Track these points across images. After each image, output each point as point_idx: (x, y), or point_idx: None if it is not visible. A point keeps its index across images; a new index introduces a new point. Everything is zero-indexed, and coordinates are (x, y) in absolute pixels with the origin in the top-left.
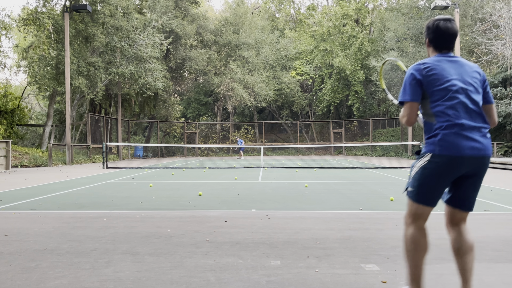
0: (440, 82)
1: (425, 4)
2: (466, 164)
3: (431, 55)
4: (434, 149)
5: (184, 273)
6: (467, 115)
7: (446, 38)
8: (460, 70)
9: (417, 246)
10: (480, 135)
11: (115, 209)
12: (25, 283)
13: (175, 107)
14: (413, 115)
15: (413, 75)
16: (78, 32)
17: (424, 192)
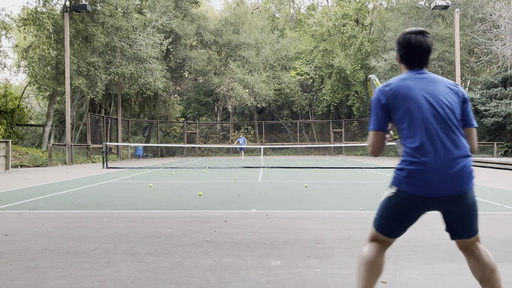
0: (404, 106)
1: (425, 4)
2: (437, 204)
3: (402, 72)
4: (399, 183)
5: (184, 273)
6: (437, 145)
7: (418, 54)
8: (431, 89)
9: (368, 267)
10: (455, 168)
11: (115, 209)
12: (25, 283)
13: (175, 107)
14: (378, 146)
15: (377, 99)
16: (78, 32)
17: (386, 223)
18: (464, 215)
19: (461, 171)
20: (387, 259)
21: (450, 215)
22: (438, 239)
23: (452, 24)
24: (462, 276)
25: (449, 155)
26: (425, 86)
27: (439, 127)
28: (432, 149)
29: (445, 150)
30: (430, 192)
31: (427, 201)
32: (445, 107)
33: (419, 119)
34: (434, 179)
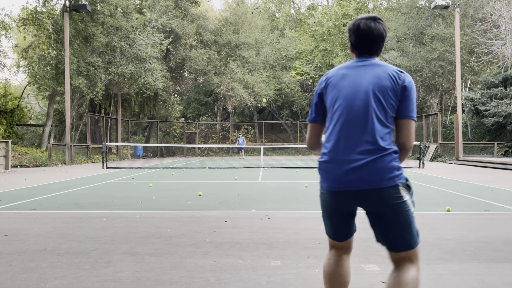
0: (331, 96)
1: (425, 4)
2: (351, 200)
3: None
4: (320, 179)
5: (184, 273)
6: (341, 137)
7: (368, 40)
8: (362, 76)
9: (327, 278)
10: (361, 162)
11: (115, 209)
12: (25, 283)
13: (175, 107)
14: (311, 138)
15: (316, 89)
16: (78, 32)
17: (325, 224)
18: (382, 218)
19: (370, 165)
20: (387, 259)
21: (369, 215)
22: (438, 239)
23: (452, 24)
24: (463, 277)
25: (356, 147)
26: (358, 74)
27: (354, 117)
28: (336, 140)
29: (350, 142)
30: (335, 186)
31: (339, 196)
32: (370, 95)
33: (338, 109)
34: (337, 172)
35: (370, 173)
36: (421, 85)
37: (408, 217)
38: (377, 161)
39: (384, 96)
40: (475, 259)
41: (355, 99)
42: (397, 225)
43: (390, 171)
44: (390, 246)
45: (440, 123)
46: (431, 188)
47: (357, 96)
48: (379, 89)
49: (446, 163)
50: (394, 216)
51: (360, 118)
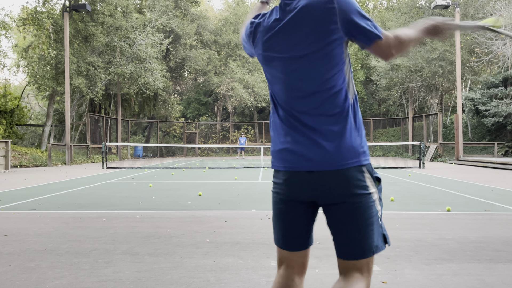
0: (260, 44)
1: (425, 3)
2: (297, 185)
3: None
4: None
5: (184, 274)
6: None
7: None
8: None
9: None
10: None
11: (114, 209)
12: (25, 284)
13: (175, 107)
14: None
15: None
16: (78, 31)
17: (274, 225)
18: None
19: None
20: (388, 259)
21: (324, 207)
22: (438, 240)
23: None
24: (463, 277)
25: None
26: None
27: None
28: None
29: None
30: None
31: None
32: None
33: (269, 64)
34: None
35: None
36: (421, 85)
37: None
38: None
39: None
40: (475, 259)
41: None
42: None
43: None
44: (344, 254)
45: (440, 123)
46: (431, 188)
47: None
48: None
49: (446, 163)
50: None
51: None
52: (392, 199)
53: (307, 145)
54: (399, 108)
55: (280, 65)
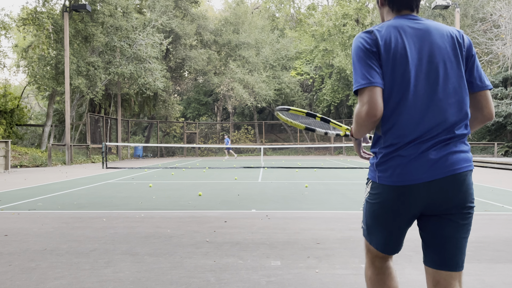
0: (394, 63)
1: (425, 3)
2: (420, 196)
3: (386, 19)
4: (374, 176)
5: (184, 274)
6: (425, 120)
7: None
8: (429, 43)
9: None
10: (446, 150)
11: (114, 209)
12: (25, 284)
13: (175, 107)
14: (377, 104)
15: (360, 45)
16: (78, 32)
17: (374, 234)
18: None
19: (459, 149)
20: None
21: (434, 217)
22: None
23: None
24: (463, 277)
25: (438, 133)
26: (422, 39)
27: (433, 98)
28: (416, 127)
29: (434, 128)
30: (414, 179)
31: (410, 193)
32: (440, 64)
33: (404, 86)
34: (420, 163)
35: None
36: None
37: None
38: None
39: (459, 62)
40: (475, 259)
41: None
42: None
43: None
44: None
45: None
46: None
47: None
48: (451, 55)
49: None
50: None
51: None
52: None
53: None
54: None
55: None
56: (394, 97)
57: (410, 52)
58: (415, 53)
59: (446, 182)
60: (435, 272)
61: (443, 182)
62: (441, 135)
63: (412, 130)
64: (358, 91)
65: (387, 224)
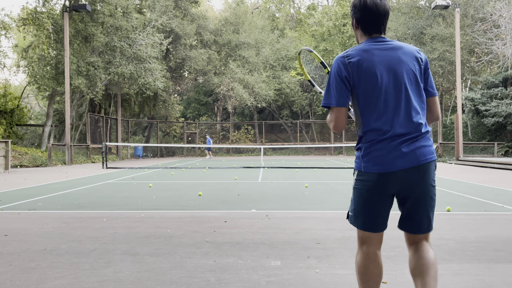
0: (368, 80)
1: (425, 3)
2: (395, 181)
3: (359, 41)
4: (360, 165)
5: (184, 274)
6: (396, 121)
7: (376, 17)
8: (394, 60)
9: (364, 275)
10: (415, 144)
11: (114, 209)
12: (25, 284)
13: (175, 107)
14: (342, 122)
15: (338, 71)
16: (78, 32)
17: (361, 216)
18: (421, 200)
19: (423, 145)
20: (388, 259)
21: (409, 198)
22: (438, 240)
23: (452, 24)
24: (463, 277)
25: (408, 131)
26: (387, 54)
27: (401, 101)
28: (392, 124)
29: (404, 125)
30: (390, 167)
31: (387, 179)
32: (406, 79)
33: (378, 95)
34: (394, 155)
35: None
36: None
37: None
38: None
39: (419, 78)
40: (475, 259)
41: (398, 82)
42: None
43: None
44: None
45: (440, 123)
46: None
47: (400, 79)
48: (414, 71)
49: (446, 163)
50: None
51: (408, 102)
52: None
53: None
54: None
55: None
56: (370, 107)
57: (378, 69)
58: (383, 69)
59: (416, 169)
60: (411, 235)
61: (414, 170)
62: (410, 134)
63: (386, 130)
64: (328, 106)
65: (372, 204)
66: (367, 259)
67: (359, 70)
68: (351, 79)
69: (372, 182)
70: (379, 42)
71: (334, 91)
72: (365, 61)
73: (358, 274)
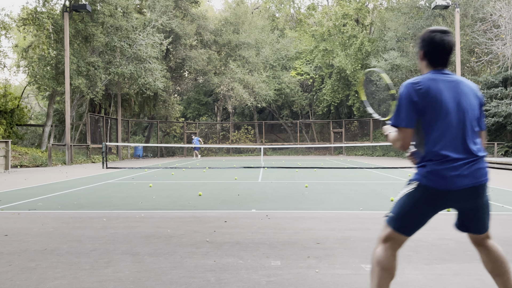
0: (435, 106)
1: (425, 4)
2: (454, 198)
3: (424, 71)
4: (422, 180)
5: (184, 274)
6: (459, 145)
7: (442, 53)
8: (458, 92)
9: (381, 269)
10: (475, 166)
11: (114, 209)
12: (25, 283)
13: (175, 107)
14: (408, 142)
15: (409, 96)
16: (78, 32)
17: (404, 220)
18: (479, 210)
19: (480, 167)
20: None
21: (466, 210)
22: (438, 240)
23: (452, 24)
24: (463, 277)
25: (467, 154)
26: (452, 87)
27: (462, 129)
28: (453, 148)
29: (464, 150)
30: (449, 186)
31: (445, 196)
32: (466, 111)
33: (443, 121)
34: (453, 175)
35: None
36: None
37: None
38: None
39: (477, 111)
40: (475, 259)
41: (460, 112)
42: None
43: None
44: (480, 230)
45: None
46: None
47: (462, 109)
48: (473, 105)
49: None
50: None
51: (467, 130)
52: (392, 199)
53: None
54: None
55: None
56: (435, 131)
57: (445, 98)
58: (448, 98)
59: (475, 188)
60: (475, 236)
61: (473, 189)
62: (469, 157)
63: (449, 153)
64: (397, 127)
65: (423, 215)
66: (392, 255)
67: (427, 96)
68: (419, 103)
69: (431, 197)
70: (444, 74)
71: (404, 114)
72: (433, 89)
73: (378, 266)
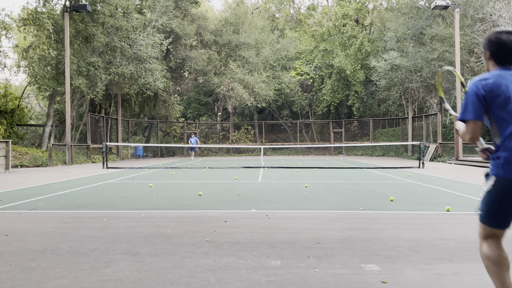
0: (504, 100)
1: (425, 4)
2: None
3: (491, 69)
4: (498, 172)
5: (184, 273)
6: None
7: (509, 51)
8: None
9: (494, 263)
10: None
11: (115, 209)
12: (25, 283)
13: (175, 107)
14: (477, 134)
15: (475, 91)
16: (78, 32)
17: (492, 216)
18: None
19: None
20: (388, 259)
21: None
22: (438, 239)
23: (452, 24)
24: (462, 276)
25: None
26: None
27: None
28: None
29: None
30: None
31: None
32: None
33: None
34: None
35: None
36: (421, 85)
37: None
38: None
39: None
40: (475, 259)
41: None
42: None
43: None
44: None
45: (440, 123)
46: (431, 188)
47: None
48: None
49: (446, 163)
50: None
51: None
52: (392, 199)
53: None
54: (399, 108)
55: None
56: (506, 123)
57: (510, 90)
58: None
59: None
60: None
61: None
62: None
63: None
64: (465, 120)
65: (507, 206)
66: (496, 247)
67: (495, 90)
68: (487, 97)
69: (510, 189)
70: (510, 69)
71: (471, 107)
72: (500, 83)
73: (489, 262)
